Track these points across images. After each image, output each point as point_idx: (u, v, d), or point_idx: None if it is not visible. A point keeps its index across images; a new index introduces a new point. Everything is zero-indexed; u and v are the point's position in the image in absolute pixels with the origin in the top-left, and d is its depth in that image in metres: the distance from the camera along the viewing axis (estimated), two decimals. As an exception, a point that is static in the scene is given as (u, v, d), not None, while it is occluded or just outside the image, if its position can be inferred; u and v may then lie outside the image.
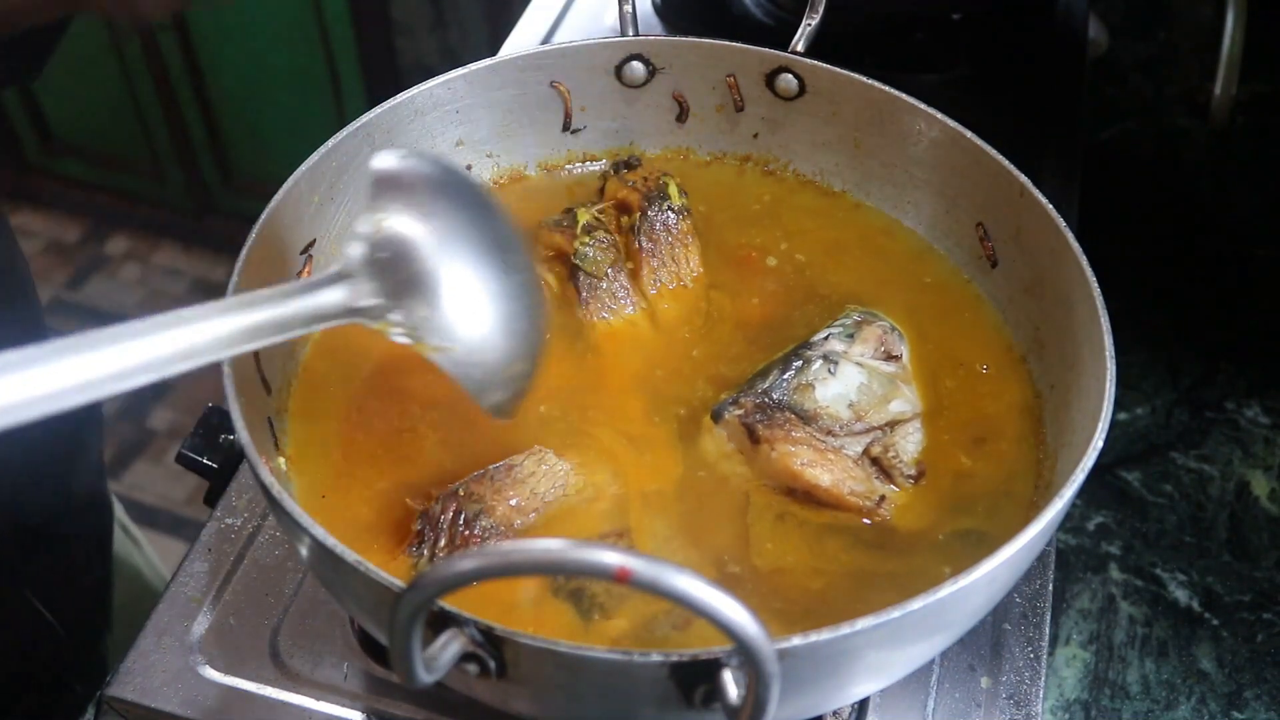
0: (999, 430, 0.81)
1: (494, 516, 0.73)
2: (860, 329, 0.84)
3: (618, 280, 0.89)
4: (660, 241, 0.91)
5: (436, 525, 0.73)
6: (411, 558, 0.72)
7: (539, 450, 0.77)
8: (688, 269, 0.91)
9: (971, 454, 0.80)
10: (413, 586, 0.51)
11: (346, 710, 0.78)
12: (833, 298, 0.89)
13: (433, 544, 0.72)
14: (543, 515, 0.75)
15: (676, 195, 0.91)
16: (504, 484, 0.75)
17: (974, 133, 0.86)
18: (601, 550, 0.48)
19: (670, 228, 0.91)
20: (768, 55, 0.92)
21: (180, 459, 0.92)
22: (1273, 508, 1.05)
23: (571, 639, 0.56)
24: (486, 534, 0.73)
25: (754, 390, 0.79)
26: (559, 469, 0.76)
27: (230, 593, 0.84)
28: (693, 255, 0.91)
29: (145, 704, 0.79)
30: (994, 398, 0.83)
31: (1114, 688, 0.94)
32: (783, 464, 0.76)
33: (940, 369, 0.84)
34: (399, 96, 0.88)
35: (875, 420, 0.80)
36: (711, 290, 0.90)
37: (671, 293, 0.90)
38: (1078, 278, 0.76)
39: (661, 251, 0.91)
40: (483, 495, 0.74)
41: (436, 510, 0.73)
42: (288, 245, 0.82)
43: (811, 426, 0.78)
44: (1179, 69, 1.49)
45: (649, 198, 0.92)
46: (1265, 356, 1.17)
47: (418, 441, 0.80)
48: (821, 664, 0.60)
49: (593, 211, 0.92)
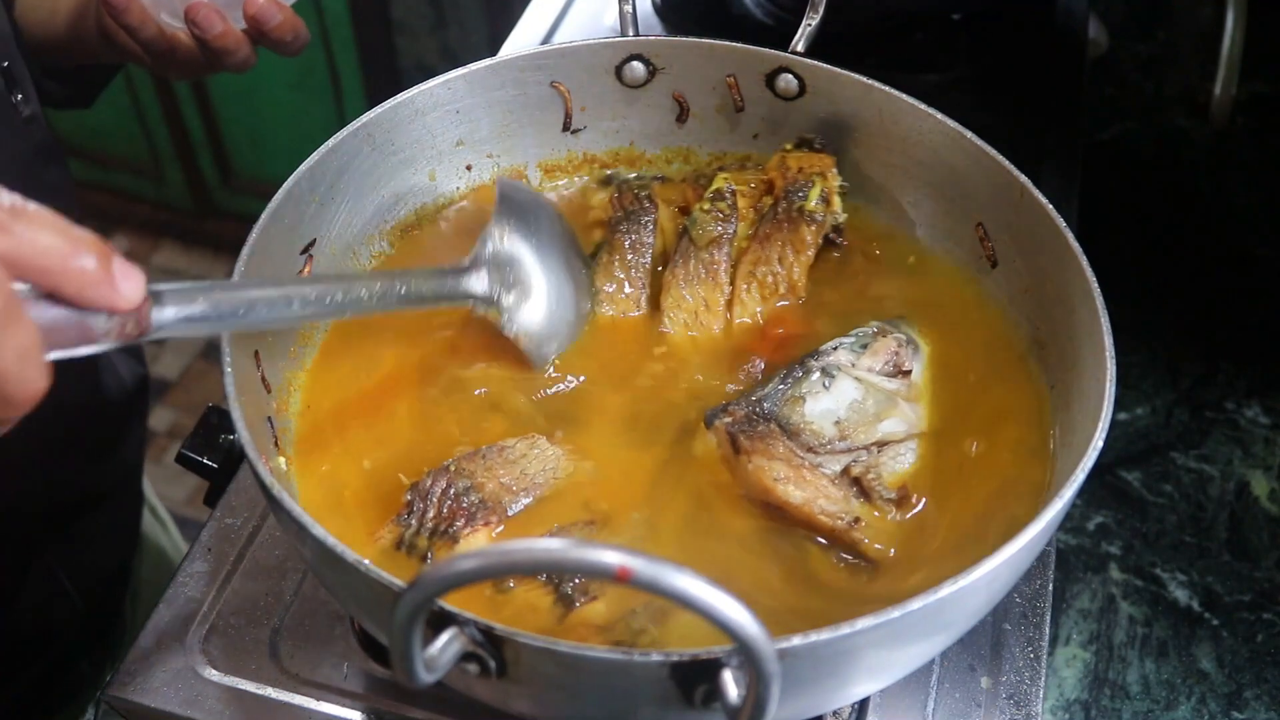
0: (998, 431, 0.81)
1: (483, 493, 0.74)
2: (875, 340, 0.82)
3: (716, 258, 0.86)
4: (773, 238, 0.87)
5: (426, 497, 0.74)
6: (400, 526, 0.73)
7: (532, 435, 0.78)
8: (785, 279, 0.87)
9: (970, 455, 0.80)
10: (413, 586, 0.51)
11: (346, 710, 0.78)
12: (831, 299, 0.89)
13: (420, 514, 0.73)
14: (532, 496, 0.76)
15: (813, 198, 0.87)
16: (495, 463, 0.76)
17: (974, 133, 0.86)
18: (602, 550, 0.48)
19: (789, 227, 0.87)
20: (768, 55, 0.92)
21: (180, 459, 0.92)
22: (1273, 508, 1.05)
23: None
24: (474, 509, 0.74)
25: (749, 399, 0.79)
26: (550, 453, 0.78)
27: (230, 593, 0.84)
28: (799, 267, 0.87)
29: (145, 704, 0.79)
30: (993, 398, 0.83)
31: (1114, 688, 0.94)
32: (756, 477, 0.75)
33: (939, 369, 0.84)
34: (399, 96, 0.89)
35: (861, 439, 0.78)
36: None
37: (761, 294, 0.88)
38: (1078, 278, 0.76)
39: (770, 249, 0.87)
40: (473, 472, 0.75)
41: (427, 483, 0.74)
42: (288, 245, 0.82)
43: (794, 441, 0.77)
44: (1179, 69, 1.49)
45: (790, 188, 0.89)
46: (1265, 356, 1.17)
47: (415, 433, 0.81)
48: (821, 664, 0.60)
49: (730, 179, 0.90)
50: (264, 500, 0.86)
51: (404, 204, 0.93)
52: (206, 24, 0.92)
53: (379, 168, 0.89)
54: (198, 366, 2.83)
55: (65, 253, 0.53)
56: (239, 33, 0.94)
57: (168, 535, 1.35)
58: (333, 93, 2.64)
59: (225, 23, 0.93)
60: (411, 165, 0.92)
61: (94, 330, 0.57)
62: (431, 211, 0.95)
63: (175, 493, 2.52)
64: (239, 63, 0.96)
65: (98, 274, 0.54)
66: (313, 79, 2.62)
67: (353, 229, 0.89)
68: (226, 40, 0.93)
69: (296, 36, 0.95)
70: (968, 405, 0.82)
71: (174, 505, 2.51)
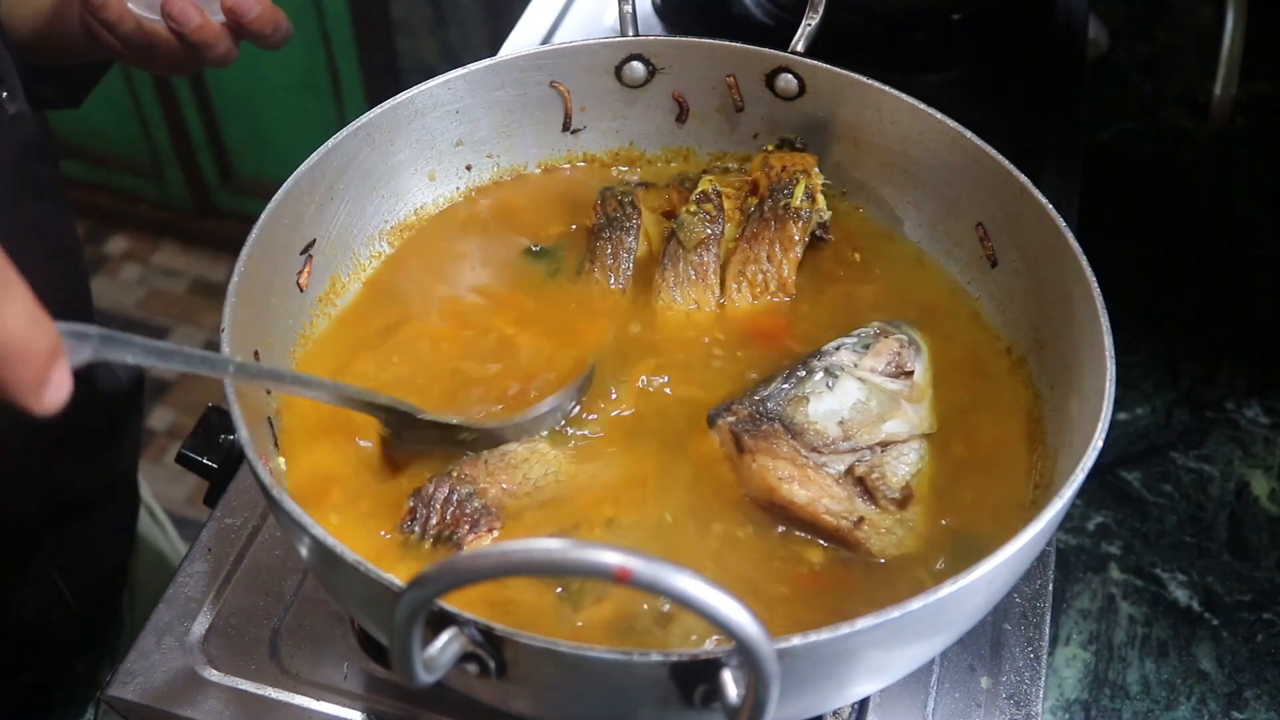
0: (999, 431, 0.81)
1: (485, 498, 0.74)
2: (877, 340, 0.82)
3: (704, 259, 0.86)
4: (760, 236, 0.87)
5: (429, 503, 0.74)
6: (403, 534, 0.74)
7: (533, 440, 0.78)
8: (775, 277, 0.88)
9: (970, 455, 0.80)
10: (412, 586, 0.51)
11: (346, 710, 0.78)
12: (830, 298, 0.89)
13: (424, 521, 0.73)
14: (535, 500, 0.76)
15: (799, 196, 0.88)
16: (497, 468, 0.76)
17: (974, 133, 0.86)
18: (601, 550, 0.48)
19: (776, 225, 0.87)
20: (768, 55, 0.92)
21: (180, 459, 0.92)
22: (1273, 508, 1.05)
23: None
24: (477, 514, 0.74)
25: (752, 398, 0.79)
26: (551, 457, 0.78)
27: (230, 593, 0.84)
28: (788, 264, 0.88)
29: (145, 704, 0.79)
30: (993, 398, 0.83)
31: (1114, 688, 0.94)
32: (760, 477, 0.75)
33: (939, 368, 0.84)
34: (399, 96, 0.89)
35: (865, 440, 0.78)
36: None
37: (752, 293, 0.88)
38: (1078, 278, 0.76)
39: (759, 247, 0.87)
40: (475, 477, 0.75)
41: (430, 489, 0.74)
42: (288, 245, 0.82)
43: (797, 441, 0.77)
44: (1179, 69, 1.49)
45: (775, 187, 0.89)
46: (1265, 356, 1.17)
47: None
48: (821, 664, 0.60)
49: (715, 181, 0.90)
50: (264, 500, 0.86)
51: (404, 204, 0.93)
52: (183, 18, 0.92)
53: (379, 168, 0.89)
54: (198, 366, 2.83)
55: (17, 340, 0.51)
56: (218, 26, 0.94)
57: (165, 536, 1.34)
58: (333, 93, 2.64)
59: (203, 16, 0.92)
60: (411, 165, 0.92)
61: None
62: (431, 211, 0.95)
63: (175, 493, 2.52)
64: (219, 56, 0.96)
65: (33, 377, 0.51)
66: (313, 79, 2.62)
67: (353, 229, 0.89)
68: (205, 34, 0.93)
69: (277, 29, 0.95)
70: (968, 405, 0.82)
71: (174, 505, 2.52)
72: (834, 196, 0.96)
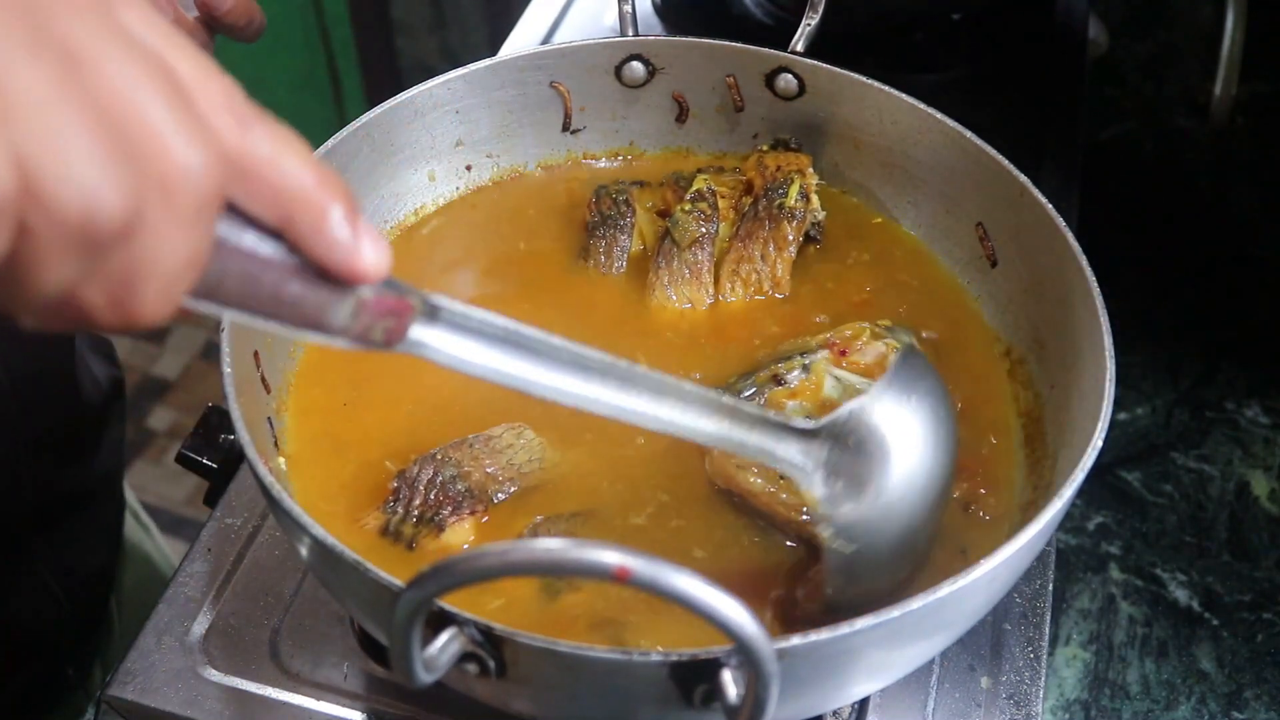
0: (998, 430, 0.81)
1: (469, 481, 0.75)
2: (858, 339, 0.82)
3: (698, 258, 0.87)
4: (755, 236, 0.88)
5: (413, 484, 0.74)
6: (385, 513, 0.74)
7: (518, 425, 0.78)
8: (769, 276, 0.88)
9: (969, 455, 0.80)
10: (412, 586, 0.51)
11: (346, 710, 0.78)
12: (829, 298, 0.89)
13: (407, 501, 0.74)
14: (518, 486, 0.76)
15: (793, 195, 0.88)
16: (481, 452, 0.77)
17: (974, 133, 0.86)
18: (601, 549, 0.48)
19: (770, 224, 0.87)
20: (768, 55, 0.92)
21: (180, 459, 0.92)
22: (1273, 508, 1.05)
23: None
24: (460, 498, 0.74)
25: (731, 388, 0.79)
26: (535, 443, 0.78)
27: (230, 593, 0.84)
28: (782, 263, 0.88)
29: (145, 704, 0.79)
30: (993, 398, 0.83)
31: (1114, 688, 0.94)
32: (721, 463, 0.76)
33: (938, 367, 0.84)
34: (399, 96, 0.89)
35: None
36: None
37: (746, 291, 0.88)
38: (1078, 278, 0.76)
39: (753, 246, 0.88)
40: (460, 460, 0.76)
41: (414, 470, 0.75)
42: (288, 245, 0.82)
43: None
44: (1179, 69, 1.49)
45: (769, 187, 0.89)
46: (1265, 356, 1.16)
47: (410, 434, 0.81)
48: (821, 664, 0.60)
49: (709, 180, 0.90)
50: (264, 500, 0.86)
51: (404, 204, 0.93)
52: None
53: (379, 168, 0.89)
54: (198, 366, 2.83)
55: (309, 184, 0.42)
56: (191, 20, 0.93)
57: (151, 540, 1.33)
58: (333, 93, 2.64)
59: (175, 9, 0.92)
60: (411, 165, 0.92)
61: (325, 315, 0.45)
62: (431, 211, 0.95)
63: (175, 493, 2.52)
64: None
65: (343, 223, 0.42)
66: (313, 79, 2.62)
67: (352, 229, 0.89)
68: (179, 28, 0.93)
69: (251, 21, 0.94)
70: (966, 405, 0.82)
71: (174, 505, 2.52)
72: (833, 195, 0.96)
